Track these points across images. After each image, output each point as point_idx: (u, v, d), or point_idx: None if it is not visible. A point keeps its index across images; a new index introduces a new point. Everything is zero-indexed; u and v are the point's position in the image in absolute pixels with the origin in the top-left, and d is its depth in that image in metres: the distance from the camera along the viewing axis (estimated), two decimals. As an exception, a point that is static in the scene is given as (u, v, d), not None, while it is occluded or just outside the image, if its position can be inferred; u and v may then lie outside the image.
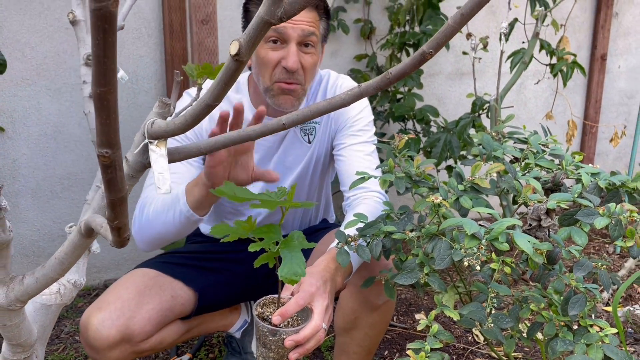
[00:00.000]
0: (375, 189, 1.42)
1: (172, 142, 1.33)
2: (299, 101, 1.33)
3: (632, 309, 1.99)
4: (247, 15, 1.34)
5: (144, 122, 0.72)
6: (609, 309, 2.16)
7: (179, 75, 0.75)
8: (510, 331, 1.03)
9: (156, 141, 0.72)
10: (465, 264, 0.88)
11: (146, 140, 0.72)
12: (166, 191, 0.72)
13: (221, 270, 1.45)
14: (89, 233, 0.74)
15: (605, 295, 2.29)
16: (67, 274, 1.10)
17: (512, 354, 1.70)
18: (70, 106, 2.10)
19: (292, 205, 0.94)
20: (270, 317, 1.04)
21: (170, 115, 0.74)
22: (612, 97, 3.37)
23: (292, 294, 1.10)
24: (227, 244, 1.50)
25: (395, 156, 1.15)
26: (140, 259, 2.26)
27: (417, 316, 1.42)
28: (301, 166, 1.47)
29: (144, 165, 0.74)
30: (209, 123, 1.36)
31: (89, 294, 2.20)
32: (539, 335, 1.07)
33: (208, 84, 1.43)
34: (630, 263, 2.53)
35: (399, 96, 2.51)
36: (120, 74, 1.11)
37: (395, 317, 2.01)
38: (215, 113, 1.36)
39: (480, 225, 0.93)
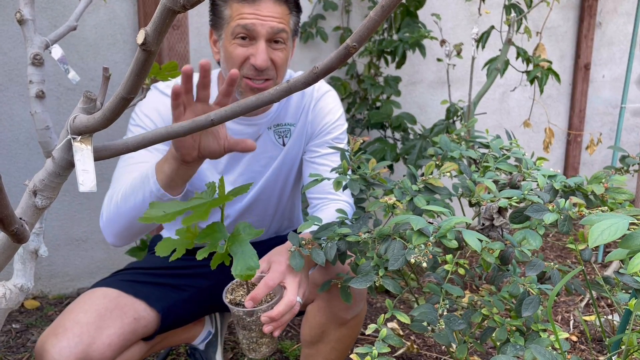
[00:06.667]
0: (344, 199, 1.40)
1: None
2: None
3: (610, 318, 1.96)
4: (214, 9, 1.31)
5: (69, 118, 0.71)
6: (588, 318, 2.13)
7: (108, 72, 0.74)
8: (463, 337, 1.00)
9: (79, 137, 0.70)
10: (412, 261, 0.86)
11: (69, 136, 0.70)
12: (90, 189, 0.70)
13: (185, 287, 1.39)
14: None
15: (585, 301, 2.26)
16: (13, 278, 1.07)
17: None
18: (43, 112, 2.08)
19: (224, 200, 0.91)
20: (242, 300, 1.07)
21: (97, 111, 0.72)
22: (596, 106, 3.37)
23: (262, 272, 1.11)
24: (191, 258, 1.46)
25: (350, 159, 1.13)
26: (114, 267, 2.23)
27: (389, 324, 1.37)
28: (273, 169, 1.42)
29: (70, 162, 0.73)
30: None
31: (60, 303, 2.16)
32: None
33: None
34: (611, 269, 2.51)
35: (378, 104, 2.50)
36: (71, 74, 1.09)
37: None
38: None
39: (429, 222, 0.91)
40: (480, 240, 0.88)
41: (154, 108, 1.31)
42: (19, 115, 2.06)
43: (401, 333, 1.93)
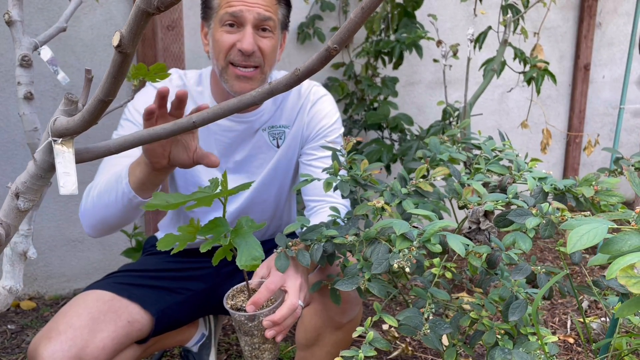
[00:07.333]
0: (341, 202, 1.39)
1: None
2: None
3: (602, 320, 1.95)
4: (206, 1, 1.32)
5: (50, 120, 0.70)
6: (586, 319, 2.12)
7: (90, 73, 0.73)
8: (452, 340, 1.00)
9: (60, 139, 0.70)
10: (395, 266, 0.85)
11: (50, 139, 0.70)
12: (71, 192, 0.70)
13: (180, 290, 1.38)
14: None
15: (585, 303, 2.25)
16: (2, 280, 1.07)
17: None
18: (39, 113, 2.08)
19: (228, 194, 0.92)
20: (243, 306, 1.06)
21: (79, 112, 0.72)
22: (596, 107, 3.36)
23: (262, 278, 1.11)
24: (186, 260, 1.47)
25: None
26: (110, 268, 2.23)
27: (385, 326, 1.35)
28: (267, 170, 1.42)
29: (52, 164, 0.72)
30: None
31: (56, 304, 2.16)
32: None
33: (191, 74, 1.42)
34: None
35: (376, 104, 2.49)
36: (61, 76, 1.09)
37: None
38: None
39: (414, 227, 0.90)
40: (467, 245, 0.88)
41: (145, 103, 1.31)
42: (15, 116, 2.06)
43: (396, 335, 1.92)
